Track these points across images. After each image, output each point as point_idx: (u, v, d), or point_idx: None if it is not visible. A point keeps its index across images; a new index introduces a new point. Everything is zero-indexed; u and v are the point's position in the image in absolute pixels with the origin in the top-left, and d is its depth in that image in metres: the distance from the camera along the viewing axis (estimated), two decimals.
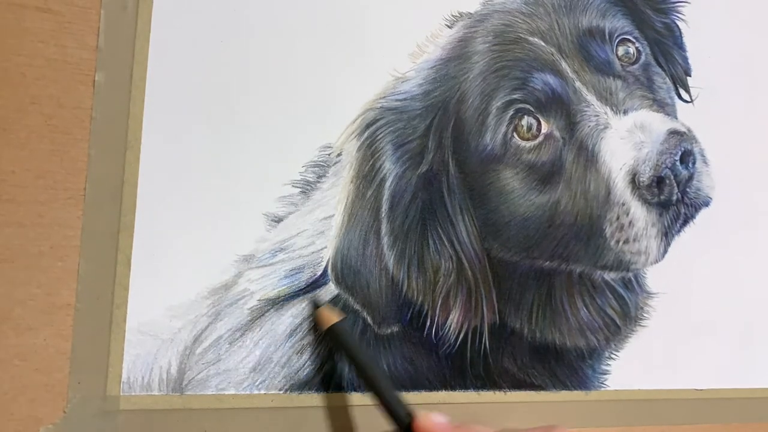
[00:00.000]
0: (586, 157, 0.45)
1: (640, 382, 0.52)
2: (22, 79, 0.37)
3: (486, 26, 0.47)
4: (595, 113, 0.46)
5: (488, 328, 0.47)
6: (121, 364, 0.39)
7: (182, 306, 0.40)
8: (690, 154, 0.45)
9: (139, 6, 0.39)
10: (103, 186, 0.38)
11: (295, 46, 0.43)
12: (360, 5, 0.45)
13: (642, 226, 0.45)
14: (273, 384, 0.42)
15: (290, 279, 0.43)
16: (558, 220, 0.46)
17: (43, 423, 0.37)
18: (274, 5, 0.43)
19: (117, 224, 0.39)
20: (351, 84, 0.44)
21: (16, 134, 0.37)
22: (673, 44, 0.53)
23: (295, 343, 0.43)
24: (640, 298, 0.52)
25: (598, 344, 0.50)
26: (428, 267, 0.45)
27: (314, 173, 0.43)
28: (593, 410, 0.50)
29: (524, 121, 0.45)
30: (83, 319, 0.38)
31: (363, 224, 0.44)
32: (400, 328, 0.45)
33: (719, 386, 0.55)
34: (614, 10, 0.49)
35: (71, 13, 0.38)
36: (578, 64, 0.47)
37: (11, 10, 0.37)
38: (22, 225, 0.37)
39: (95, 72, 0.38)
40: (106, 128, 0.39)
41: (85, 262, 0.38)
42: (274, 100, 0.43)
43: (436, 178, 0.45)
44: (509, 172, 0.46)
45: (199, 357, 0.40)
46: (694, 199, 0.46)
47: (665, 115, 0.48)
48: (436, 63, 0.46)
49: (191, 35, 0.41)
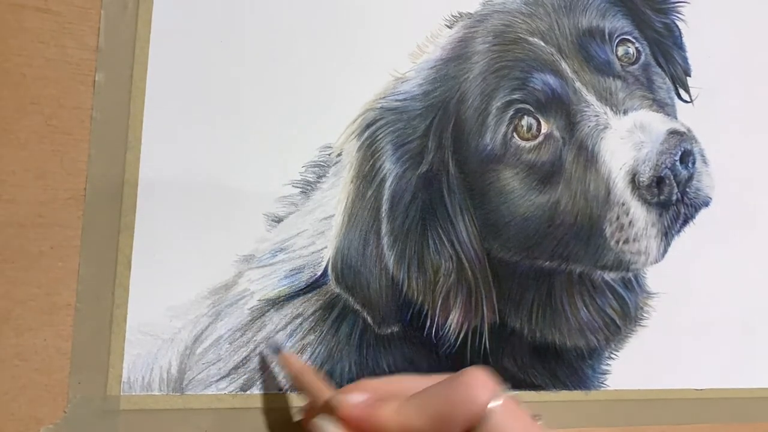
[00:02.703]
0: (586, 157, 0.45)
1: (640, 382, 0.52)
2: (22, 79, 0.37)
3: (486, 26, 0.47)
4: (595, 113, 0.46)
5: (488, 328, 0.47)
6: (121, 364, 0.39)
7: (182, 306, 0.40)
8: (690, 154, 0.45)
9: (139, 6, 0.39)
10: (103, 186, 0.38)
11: (295, 46, 0.43)
12: (360, 5, 0.45)
13: (642, 226, 0.45)
14: (273, 384, 0.42)
15: (290, 279, 0.43)
16: (558, 220, 0.46)
17: (43, 423, 0.37)
18: (274, 5, 0.43)
19: (117, 224, 0.39)
20: (351, 84, 0.45)
21: (16, 134, 0.37)
22: (672, 44, 0.53)
23: (295, 343, 0.43)
24: (640, 298, 0.52)
25: (598, 344, 0.50)
26: (428, 267, 0.45)
27: (314, 173, 0.43)
28: (593, 410, 0.50)
29: (524, 121, 0.45)
30: (83, 319, 0.38)
31: (363, 224, 0.44)
32: (400, 328, 0.45)
33: (719, 386, 0.55)
34: (614, 10, 0.49)
35: (71, 13, 0.38)
36: (578, 64, 0.47)
37: (11, 10, 0.37)
38: (22, 225, 0.37)
39: (95, 72, 0.38)
40: (106, 128, 0.39)
41: (85, 262, 0.38)
42: (273, 100, 0.43)
43: (436, 178, 0.45)
44: (509, 172, 0.46)
45: (200, 357, 0.40)
46: (694, 199, 0.46)
47: (665, 115, 0.48)
48: (436, 63, 0.46)
49: (191, 35, 0.41)
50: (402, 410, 0.34)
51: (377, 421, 0.34)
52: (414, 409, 0.34)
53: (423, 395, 0.34)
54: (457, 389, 0.33)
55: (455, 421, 0.33)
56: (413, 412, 0.34)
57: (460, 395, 0.33)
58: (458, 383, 0.33)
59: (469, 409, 0.32)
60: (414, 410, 0.34)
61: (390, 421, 0.34)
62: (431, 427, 0.33)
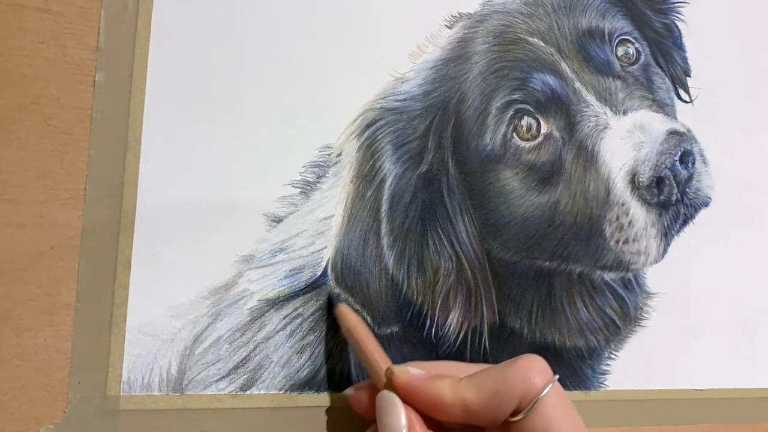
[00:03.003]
0: (585, 158, 0.45)
1: (640, 382, 0.52)
2: (22, 79, 0.37)
3: (486, 27, 0.47)
4: (594, 113, 0.46)
5: (488, 328, 0.47)
6: (121, 364, 0.39)
7: (182, 306, 0.40)
8: (689, 154, 0.45)
9: (139, 6, 0.40)
10: (103, 186, 0.38)
11: (295, 46, 0.43)
12: (360, 5, 0.45)
13: (642, 227, 0.45)
14: (273, 384, 0.42)
15: (290, 279, 0.43)
16: (558, 220, 0.46)
17: (43, 423, 0.37)
18: (274, 5, 0.43)
19: (117, 224, 0.39)
20: (351, 84, 0.45)
21: (16, 134, 0.37)
22: (672, 44, 0.53)
23: (295, 343, 0.43)
24: (640, 298, 0.52)
25: (597, 344, 0.50)
26: (428, 267, 0.45)
27: (314, 173, 0.44)
28: (593, 410, 0.50)
29: (524, 122, 0.46)
30: (83, 319, 0.38)
31: (363, 224, 0.44)
32: (399, 328, 0.45)
33: (719, 386, 0.55)
34: (614, 10, 0.49)
35: (71, 13, 0.38)
36: (578, 64, 0.47)
37: (11, 10, 0.37)
38: (22, 225, 0.37)
39: (95, 72, 0.39)
40: (106, 128, 0.39)
41: (85, 262, 0.38)
42: (273, 100, 0.43)
43: (435, 179, 0.45)
44: (509, 172, 0.46)
45: (199, 357, 0.40)
46: (694, 199, 0.46)
47: (665, 116, 0.48)
48: (435, 63, 0.46)
49: (191, 35, 0.41)
50: (460, 384, 0.36)
51: (435, 392, 0.36)
52: (471, 384, 0.36)
53: (481, 373, 0.37)
54: (516, 370, 0.36)
55: (510, 398, 0.35)
56: (471, 386, 0.36)
57: (519, 375, 0.35)
58: (518, 365, 0.36)
59: (524, 388, 0.35)
60: (471, 385, 0.36)
61: (447, 393, 0.36)
62: (486, 401, 0.35)
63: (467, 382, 0.36)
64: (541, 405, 0.35)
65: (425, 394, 0.36)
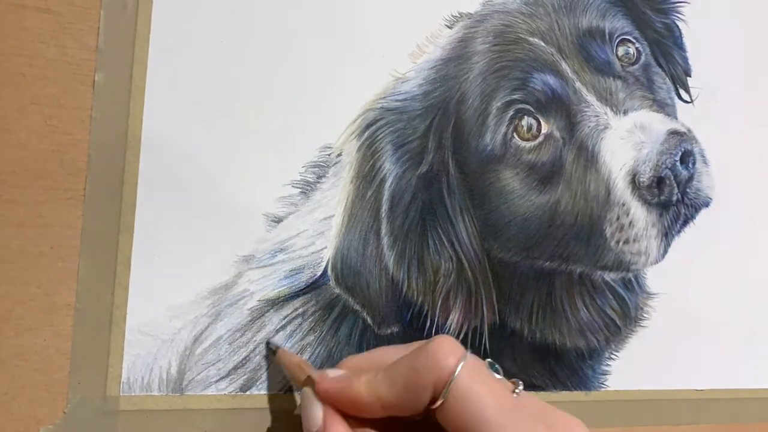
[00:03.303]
0: (586, 158, 0.45)
1: (640, 382, 0.52)
2: (22, 79, 0.37)
3: (486, 26, 0.47)
4: (595, 113, 0.46)
5: (488, 329, 0.47)
6: (121, 365, 0.39)
7: (182, 306, 0.40)
8: (690, 154, 0.45)
9: (139, 6, 0.39)
10: (103, 186, 0.38)
11: (295, 46, 0.43)
12: (360, 5, 0.45)
13: (642, 227, 0.45)
14: (273, 384, 0.42)
15: (290, 279, 0.43)
16: (558, 220, 0.46)
17: (43, 423, 0.37)
18: (273, 5, 0.43)
19: (117, 224, 0.39)
20: (351, 84, 0.44)
21: (16, 134, 0.37)
22: (673, 44, 0.53)
23: (295, 344, 0.43)
24: (640, 298, 0.52)
25: (598, 344, 0.50)
26: (428, 267, 0.45)
27: (314, 173, 0.43)
28: (593, 410, 0.50)
29: (524, 122, 0.45)
30: (83, 320, 0.38)
31: (363, 224, 0.44)
32: (400, 329, 0.45)
33: (719, 386, 0.55)
34: (614, 10, 0.49)
35: (71, 13, 0.38)
36: (578, 64, 0.47)
37: (11, 10, 0.37)
38: (22, 225, 0.37)
39: (95, 72, 0.38)
40: (106, 128, 0.39)
41: (85, 262, 0.38)
42: (273, 100, 0.43)
43: (436, 179, 0.45)
44: (509, 172, 0.46)
45: (199, 357, 0.40)
46: (694, 199, 0.46)
47: (665, 116, 0.48)
48: (436, 63, 0.46)
49: (191, 35, 0.41)
50: (376, 380, 0.34)
51: (350, 393, 0.35)
52: (384, 380, 0.34)
53: (392, 366, 0.35)
54: (424, 356, 0.33)
55: (423, 388, 0.33)
56: (385, 382, 0.34)
57: (427, 362, 0.33)
58: (424, 351, 0.34)
59: (435, 374, 0.33)
60: (384, 381, 0.34)
61: (362, 393, 0.34)
62: (400, 395, 0.33)
63: (383, 377, 0.34)
64: (456, 387, 0.32)
65: (342, 397, 0.35)
